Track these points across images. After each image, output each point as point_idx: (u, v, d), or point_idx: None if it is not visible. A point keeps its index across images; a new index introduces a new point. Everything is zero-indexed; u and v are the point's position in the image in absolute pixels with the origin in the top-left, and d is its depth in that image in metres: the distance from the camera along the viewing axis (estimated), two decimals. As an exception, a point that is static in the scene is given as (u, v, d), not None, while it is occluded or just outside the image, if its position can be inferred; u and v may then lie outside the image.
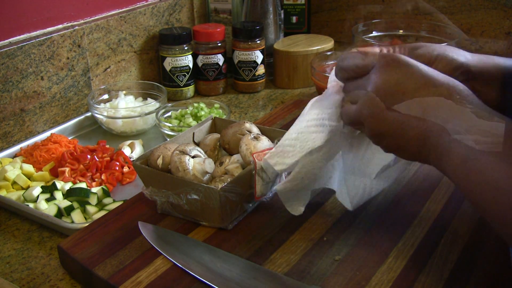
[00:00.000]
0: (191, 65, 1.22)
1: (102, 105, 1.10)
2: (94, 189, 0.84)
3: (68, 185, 0.84)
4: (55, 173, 0.89)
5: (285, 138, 0.65)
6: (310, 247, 0.65)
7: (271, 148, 0.69)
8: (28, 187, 0.86)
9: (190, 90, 1.24)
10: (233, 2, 1.32)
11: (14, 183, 0.87)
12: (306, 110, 0.65)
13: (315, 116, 0.63)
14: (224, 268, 0.62)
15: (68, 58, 1.07)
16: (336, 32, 1.53)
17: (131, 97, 1.13)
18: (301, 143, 0.63)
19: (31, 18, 1.01)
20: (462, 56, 0.66)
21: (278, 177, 0.71)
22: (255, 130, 0.77)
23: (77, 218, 0.78)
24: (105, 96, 1.13)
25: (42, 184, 0.86)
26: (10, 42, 0.98)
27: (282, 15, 1.34)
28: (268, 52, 1.29)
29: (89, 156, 0.91)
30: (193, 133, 0.81)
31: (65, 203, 0.80)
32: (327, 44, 1.27)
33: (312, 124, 0.63)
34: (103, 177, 0.89)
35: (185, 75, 1.22)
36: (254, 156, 0.67)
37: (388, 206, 0.73)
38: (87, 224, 0.72)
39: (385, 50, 0.65)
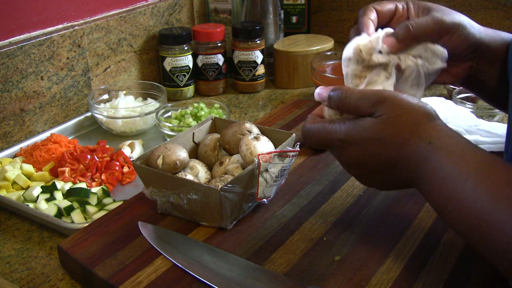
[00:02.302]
0: (191, 65, 1.22)
1: (102, 105, 1.10)
2: (94, 189, 0.84)
3: (68, 185, 0.84)
4: (55, 173, 0.89)
5: None
6: (310, 247, 0.65)
7: (275, 151, 0.69)
8: (28, 187, 0.86)
9: (190, 90, 1.24)
10: (233, 2, 1.32)
11: (14, 183, 0.87)
12: None
13: None
14: (224, 268, 0.62)
15: (68, 58, 1.07)
16: (336, 32, 1.53)
17: (131, 97, 1.13)
18: None
19: (31, 18, 1.01)
20: (477, 31, 0.65)
21: (281, 179, 0.71)
22: (255, 130, 0.77)
23: (77, 218, 0.78)
24: (105, 96, 1.13)
25: (42, 184, 0.86)
26: (10, 42, 0.98)
27: (282, 15, 1.34)
28: (268, 52, 1.29)
29: (89, 156, 0.91)
30: (193, 133, 0.81)
31: (65, 203, 0.80)
32: (327, 44, 1.27)
33: None
34: (103, 177, 0.89)
35: (185, 75, 1.22)
36: (259, 157, 0.67)
37: (388, 206, 0.73)
38: (87, 224, 0.72)
39: (400, 6, 0.66)
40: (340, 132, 0.59)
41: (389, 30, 0.63)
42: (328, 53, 1.24)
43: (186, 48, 1.21)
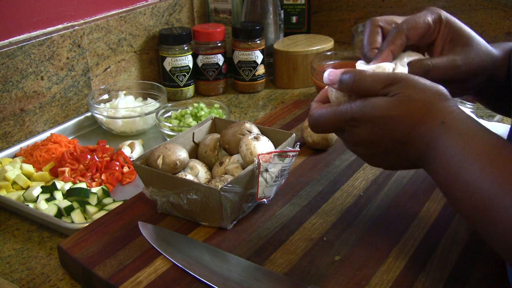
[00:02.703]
0: (191, 65, 1.22)
1: (102, 105, 1.10)
2: (94, 189, 0.84)
3: (68, 185, 0.84)
4: (55, 173, 0.89)
5: None
6: (310, 247, 0.65)
7: (275, 151, 0.69)
8: (28, 187, 0.86)
9: (190, 90, 1.24)
10: (233, 2, 1.32)
11: (14, 183, 0.87)
12: None
13: None
14: (224, 268, 0.62)
15: (68, 58, 1.07)
16: (336, 32, 1.53)
17: (131, 97, 1.13)
18: None
19: (31, 18, 1.01)
20: (495, 65, 0.65)
21: (281, 179, 0.71)
22: (255, 130, 0.77)
23: (77, 218, 0.78)
24: (105, 96, 1.13)
25: (42, 184, 0.86)
26: (10, 42, 0.98)
27: (282, 15, 1.34)
28: (268, 52, 1.29)
29: (89, 156, 0.91)
30: (193, 133, 0.81)
31: (65, 203, 0.80)
32: (327, 44, 1.27)
33: None
34: (103, 177, 0.89)
35: (185, 75, 1.22)
36: (259, 157, 0.67)
37: (388, 206, 0.73)
38: (87, 224, 0.72)
39: (432, 25, 0.64)
40: (352, 112, 0.57)
41: (403, 68, 0.62)
42: (328, 53, 1.24)
43: (186, 48, 1.21)
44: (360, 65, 0.63)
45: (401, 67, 0.62)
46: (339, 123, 0.59)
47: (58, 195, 0.82)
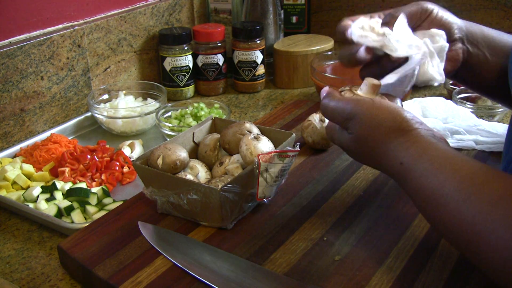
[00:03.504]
0: (191, 65, 1.22)
1: (102, 105, 1.11)
2: (94, 189, 0.84)
3: (68, 185, 0.84)
4: (55, 173, 0.89)
5: None
6: (310, 247, 0.65)
7: (275, 151, 0.69)
8: (28, 187, 0.86)
9: (190, 90, 1.24)
10: (233, 2, 1.32)
11: (14, 183, 0.87)
12: None
13: None
14: (224, 268, 0.62)
15: (68, 58, 1.07)
16: (336, 32, 1.53)
17: (131, 97, 1.13)
18: None
19: (31, 18, 1.01)
20: (455, 18, 0.70)
21: (281, 179, 0.71)
22: (255, 130, 0.77)
23: (77, 218, 0.78)
24: (105, 96, 1.13)
25: (42, 184, 0.86)
26: (10, 42, 0.98)
27: (282, 15, 1.34)
28: (268, 52, 1.29)
29: (89, 156, 0.91)
30: (193, 133, 0.81)
31: (65, 203, 0.80)
32: (327, 44, 1.27)
33: None
34: (103, 177, 0.89)
35: (185, 75, 1.22)
36: (259, 157, 0.67)
37: (388, 206, 0.73)
38: (87, 224, 0.72)
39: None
40: (337, 139, 0.65)
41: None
42: (328, 53, 1.24)
43: (186, 48, 1.21)
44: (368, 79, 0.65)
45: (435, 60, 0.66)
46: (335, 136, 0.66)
47: (58, 195, 0.82)
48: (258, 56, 1.23)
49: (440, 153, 0.54)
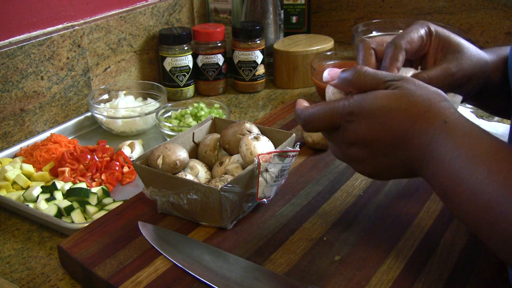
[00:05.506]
0: (191, 65, 1.22)
1: (102, 105, 1.11)
2: (94, 189, 0.84)
3: (68, 185, 0.84)
4: (55, 173, 0.89)
5: None
6: (310, 247, 0.65)
7: (275, 151, 0.69)
8: (28, 187, 0.86)
9: (190, 90, 1.24)
10: (233, 2, 1.32)
11: (14, 183, 0.87)
12: None
13: None
14: (224, 268, 0.62)
15: (68, 58, 1.07)
16: (336, 32, 1.53)
17: (131, 97, 1.13)
18: None
19: (31, 18, 1.01)
20: (490, 68, 0.66)
21: (281, 179, 0.71)
22: (255, 130, 0.77)
23: (77, 218, 0.78)
24: (105, 96, 1.13)
25: (42, 184, 0.86)
26: (10, 42, 0.98)
27: (282, 15, 1.34)
28: (268, 52, 1.29)
29: (89, 156, 0.91)
30: (193, 133, 0.81)
31: (65, 203, 0.80)
32: (327, 44, 1.27)
33: None
34: (103, 177, 0.89)
35: (185, 75, 1.22)
36: (259, 157, 0.67)
37: (388, 206, 0.73)
38: (87, 224, 0.72)
39: (425, 38, 0.64)
40: (350, 105, 0.56)
41: None
42: (328, 53, 1.23)
43: (186, 48, 1.21)
44: None
45: None
46: (335, 118, 0.57)
47: (58, 195, 0.82)
48: (258, 56, 1.23)
49: (476, 125, 0.53)
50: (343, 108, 0.56)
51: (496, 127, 0.89)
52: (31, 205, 0.81)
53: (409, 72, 0.64)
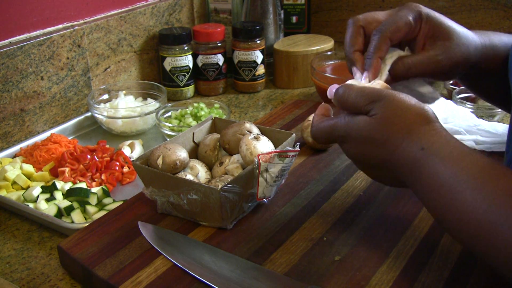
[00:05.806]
0: (191, 65, 1.22)
1: (102, 105, 1.11)
2: (94, 189, 0.84)
3: (68, 185, 0.84)
4: (55, 173, 0.89)
5: None
6: (310, 247, 0.65)
7: (275, 151, 0.69)
8: (28, 187, 0.86)
9: (190, 90, 1.24)
10: (233, 2, 1.32)
11: (14, 183, 0.87)
12: None
13: None
14: (224, 268, 0.62)
15: (68, 58, 1.07)
16: (336, 32, 1.53)
17: (131, 97, 1.13)
18: None
19: (31, 18, 1.01)
20: (480, 52, 0.66)
21: (281, 179, 0.71)
22: (255, 130, 0.77)
23: (77, 218, 0.78)
24: (105, 96, 1.13)
25: (42, 184, 0.86)
26: (10, 42, 0.98)
27: (282, 15, 1.34)
28: (268, 52, 1.29)
29: (89, 156, 0.91)
30: (193, 133, 0.81)
31: (65, 203, 0.80)
32: (327, 44, 1.27)
33: None
34: (103, 177, 0.89)
35: (185, 75, 1.22)
36: (259, 157, 0.67)
37: (388, 206, 0.73)
38: (87, 224, 0.72)
39: (413, 23, 0.64)
40: (340, 128, 0.60)
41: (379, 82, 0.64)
42: (328, 53, 1.24)
43: (186, 48, 1.21)
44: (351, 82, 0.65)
45: (385, 74, 0.64)
46: (332, 137, 0.62)
47: (58, 195, 0.82)
48: (258, 56, 1.23)
49: (458, 144, 0.54)
50: (336, 129, 0.61)
51: (496, 127, 0.88)
52: (31, 205, 0.81)
53: (394, 55, 0.65)
